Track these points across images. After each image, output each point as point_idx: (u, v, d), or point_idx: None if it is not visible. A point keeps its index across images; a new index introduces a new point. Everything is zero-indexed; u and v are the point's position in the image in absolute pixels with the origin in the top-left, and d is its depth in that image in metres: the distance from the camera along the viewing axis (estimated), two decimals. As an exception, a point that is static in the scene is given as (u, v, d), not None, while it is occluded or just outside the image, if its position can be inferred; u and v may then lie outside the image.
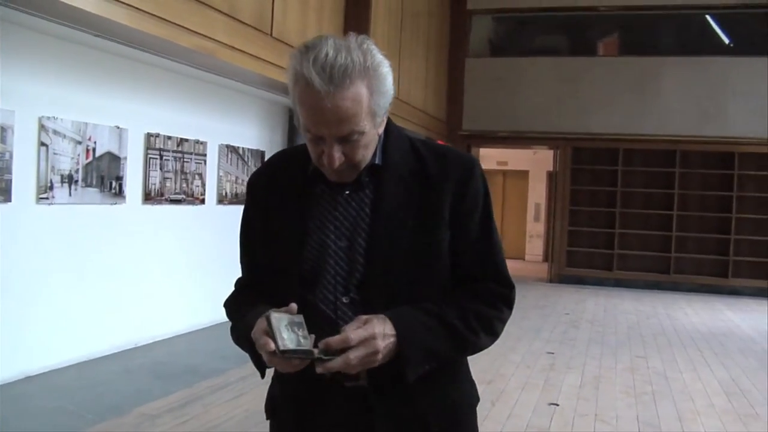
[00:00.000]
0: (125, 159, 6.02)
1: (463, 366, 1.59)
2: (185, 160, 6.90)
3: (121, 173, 5.99)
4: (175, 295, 6.75)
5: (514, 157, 15.74)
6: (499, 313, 1.50)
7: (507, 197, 16.21)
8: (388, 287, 1.43)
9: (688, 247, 11.98)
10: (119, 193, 5.98)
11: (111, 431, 4.18)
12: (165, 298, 6.61)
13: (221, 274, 6.57)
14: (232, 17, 5.42)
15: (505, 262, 1.54)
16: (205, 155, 7.20)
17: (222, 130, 7.47)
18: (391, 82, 1.40)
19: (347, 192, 1.48)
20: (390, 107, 1.43)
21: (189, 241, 7.00)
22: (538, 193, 16.16)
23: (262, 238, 1.55)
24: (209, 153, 7.29)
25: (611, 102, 11.91)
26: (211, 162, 7.35)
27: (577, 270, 12.41)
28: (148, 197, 6.39)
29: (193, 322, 6.95)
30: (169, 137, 6.62)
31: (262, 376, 1.50)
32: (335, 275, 1.46)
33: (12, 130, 4.89)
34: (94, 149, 5.66)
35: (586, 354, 6.78)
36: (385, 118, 1.46)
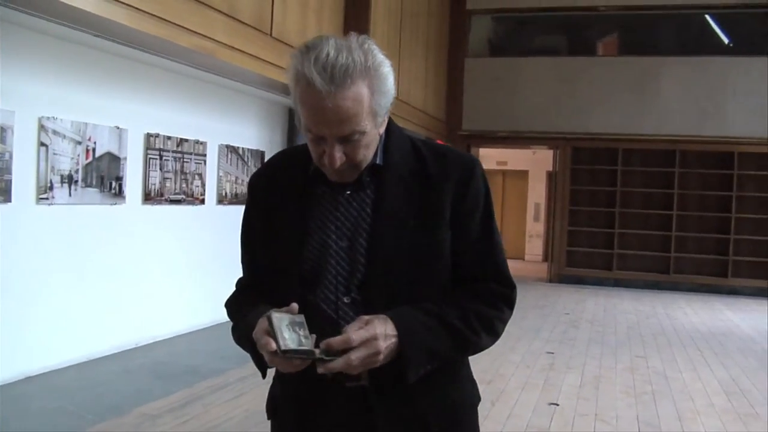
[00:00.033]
0: (125, 159, 6.02)
1: (464, 366, 1.59)
2: (185, 160, 6.90)
3: (120, 173, 5.99)
4: (175, 295, 6.75)
5: (514, 157, 15.75)
6: (500, 313, 1.50)
7: (506, 197, 16.22)
8: (389, 287, 1.43)
9: (688, 246, 11.98)
10: (119, 194, 5.98)
11: (111, 431, 4.18)
12: (165, 298, 6.61)
13: (221, 274, 6.58)
14: (232, 17, 5.42)
15: (506, 262, 1.54)
16: (204, 155, 7.20)
17: (222, 130, 7.46)
18: (392, 82, 1.40)
19: (348, 192, 1.48)
20: (391, 107, 1.43)
21: (189, 242, 7.00)
22: (537, 193, 16.16)
23: (263, 239, 1.55)
24: (209, 153, 7.29)
25: (611, 102, 11.91)
26: (211, 162, 7.35)
27: (577, 270, 12.41)
28: (148, 197, 6.39)
29: (193, 322, 6.95)
30: (168, 137, 6.62)
31: (264, 376, 1.50)
32: (336, 275, 1.46)
33: (12, 130, 4.88)
34: (93, 149, 5.66)
35: (585, 354, 6.78)
36: (386, 118, 1.45)
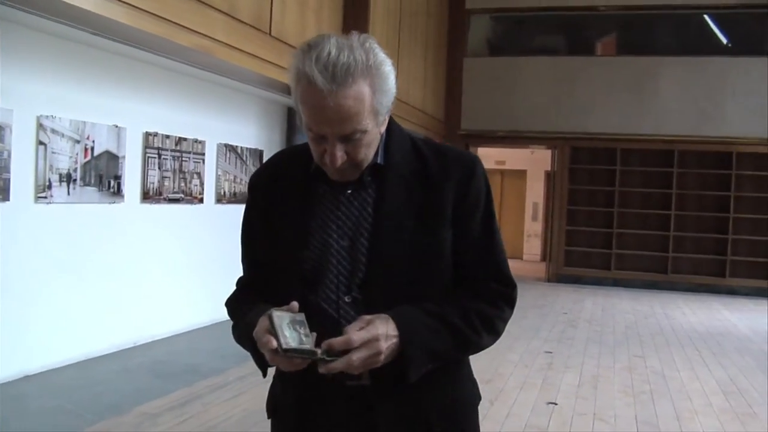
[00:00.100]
0: (123, 158, 6.01)
1: (465, 365, 1.59)
2: (183, 159, 6.89)
3: (119, 172, 5.98)
4: (174, 294, 6.75)
5: (512, 157, 15.75)
6: (500, 312, 1.50)
7: (505, 197, 16.22)
8: (390, 286, 1.44)
9: (686, 246, 11.99)
10: (118, 192, 5.98)
11: (111, 430, 4.18)
12: (164, 297, 6.61)
13: (220, 272, 6.59)
14: (231, 16, 5.42)
15: (506, 262, 1.54)
16: (203, 154, 7.20)
17: (220, 129, 7.46)
18: (393, 81, 1.40)
19: (349, 191, 1.48)
20: (392, 106, 1.43)
21: (187, 240, 7.00)
22: (536, 192, 16.17)
23: (264, 238, 1.55)
24: (208, 152, 7.28)
25: (609, 102, 11.92)
26: (210, 161, 7.35)
27: (575, 269, 12.42)
28: (147, 196, 6.38)
29: (192, 321, 6.95)
30: (167, 136, 6.61)
31: (264, 375, 1.51)
32: (338, 274, 1.46)
33: (10, 129, 4.88)
34: (92, 148, 5.65)
35: (584, 353, 6.79)
36: (387, 117, 1.45)
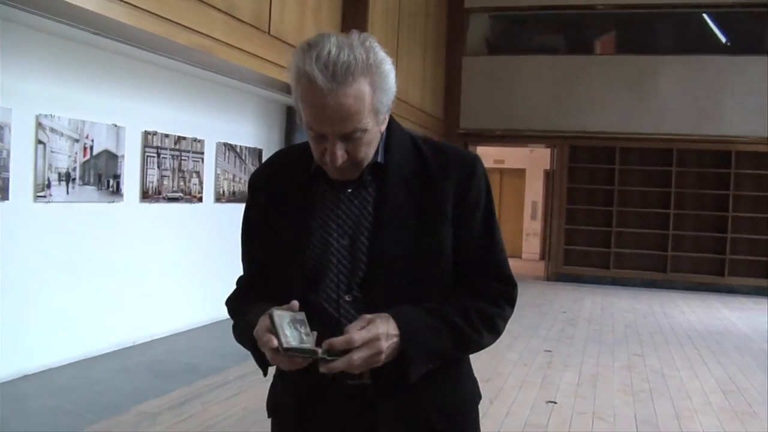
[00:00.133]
0: (122, 157, 6.01)
1: (465, 364, 1.59)
2: (183, 158, 6.89)
3: (118, 171, 5.98)
4: (173, 293, 6.75)
5: (511, 156, 15.76)
6: (501, 311, 1.50)
7: (504, 196, 16.22)
8: (390, 285, 1.43)
9: (685, 245, 12.00)
10: (117, 191, 5.98)
11: (110, 429, 4.18)
12: (163, 296, 6.61)
13: (219, 272, 6.59)
14: (231, 15, 5.41)
15: (507, 260, 1.54)
16: (202, 153, 7.20)
17: (219, 128, 7.46)
18: (393, 80, 1.40)
19: (350, 190, 1.48)
20: (392, 105, 1.43)
21: (187, 240, 7.00)
22: (535, 191, 16.18)
23: (264, 237, 1.55)
24: (207, 151, 7.28)
25: (608, 100, 11.92)
26: (209, 160, 7.34)
27: (574, 268, 12.43)
28: (146, 195, 6.38)
29: (192, 320, 6.95)
30: (166, 135, 6.61)
31: (265, 374, 1.51)
32: (338, 273, 1.45)
33: (9, 128, 4.87)
34: (91, 147, 5.65)
35: (583, 352, 6.79)
36: (388, 115, 1.46)
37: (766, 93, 11.08)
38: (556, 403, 5.08)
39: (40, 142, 5.15)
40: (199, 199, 7.20)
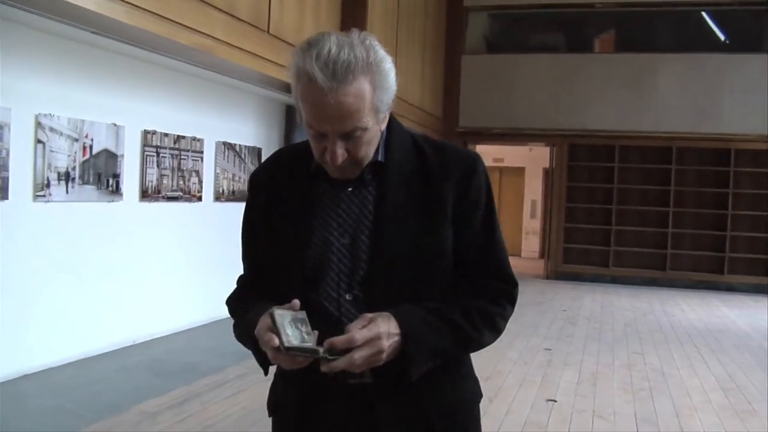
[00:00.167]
0: (122, 156, 6.01)
1: (466, 362, 1.59)
2: (182, 157, 6.88)
3: (118, 170, 5.98)
4: (172, 292, 6.74)
5: (511, 154, 15.77)
6: (502, 310, 1.50)
7: (503, 194, 16.22)
8: (391, 284, 1.43)
9: (685, 243, 12.01)
10: (116, 191, 5.97)
11: (110, 429, 4.18)
12: (163, 295, 6.60)
13: (219, 271, 6.59)
14: (230, 14, 5.41)
15: (507, 259, 1.54)
16: (202, 152, 7.19)
17: (219, 127, 7.45)
18: (393, 78, 1.40)
19: (350, 189, 1.48)
20: (393, 104, 1.43)
21: (186, 239, 7.00)
22: (534, 189, 16.18)
23: (264, 236, 1.55)
24: (206, 150, 7.28)
25: (608, 99, 11.92)
26: (208, 159, 7.34)
27: (574, 267, 12.43)
28: (145, 194, 6.38)
29: (191, 319, 6.95)
30: (166, 134, 6.61)
31: (266, 373, 1.51)
32: (338, 272, 1.45)
33: (8, 127, 4.87)
34: (91, 146, 5.65)
35: (583, 350, 6.79)
36: (388, 114, 1.45)
37: (766, 91, 11.08)
38: (556, 401, 5.08)
39: (39, 141, 5.15)
40: (199, 199, 7.20)
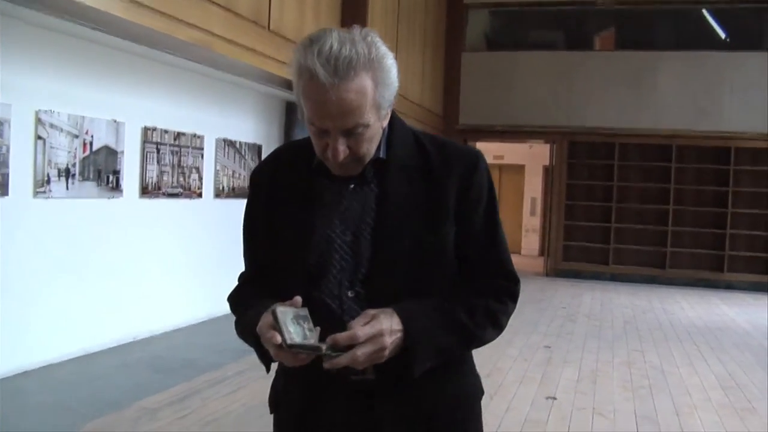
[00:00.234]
0: (122, 153, 6.00)
1: (468, 359, 1.59)
2: (182, 153, 6.88)
3: (118, 167, 5.97)
4: (172, 289, 6.74)
5: (511, 152, 15.75)
6: (504, 306, 1.50)
7: (503, 191, 16.20)
8: (393, 282, 1.43)
9: (684, 241, 12.01)
10: (116, 187, 5.97)
11: (110, 425, 4.18)
12: (162, 292, 6.60)
13: (218, 267, 6.60)
14: (230, 11, 5.40)
15: (509, 256, 1.54)
16: (202, 149, 7.19)
17: (219, 123, 7.45)
18: (395, 75, 1.40)
19: (352, 186, 1.47)
20: (394, 100, 1.43)
21: (186, 235, 6.99)
22: (534, 187, 16.18)
23: (266, 233, 1.54)
24: (206, 147, 7.27)
25: (608, 96, 11.91)
26: (208, 156, 7.34)
27: (574, 264, 12.43)
28: (145, 191, 6.37)
29: (191, 315, 6.95)
30: (166, 131, 6.60)
31: (268, 370, 1.50)
32: (341, 270, 1.45)
33: (9, 123, 4.86)
34: (91, 143, 5.64)
35: (583, 348, 6.80)
36: (390, 111, 1.45)
37: (766, 89, 11.07)
38: (555, 398, 5.09)
39: (39, 137, 5.14)
40: (199, 195, 7.20)
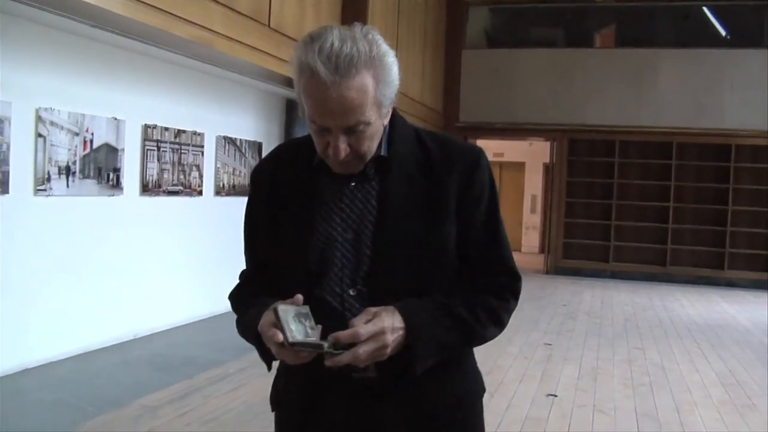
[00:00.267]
0: (122, 150, 6.00)
1: (470, 356, 1.59)
2: (182, 151, 6.88)
3: (118, 165, 5.97)
4: (172, 286, 6.74)
5: (511, 149, 15.73)
6: (506, 303, 1.50)
7: (503, 189, 16.18)
8: (394, 279, 1.43)
9: (685, 239, 12.01)
10: (117, 185, 5.97)
11: (111, 423, 4.18)
12: (163, 289, 6.60)
13: (219, 265, 6.60)
14: (230, 8, 5.40)
15: (511, 254, 1.54)
16: (202, 147, 7.18)
17: (219, 121, 7.44)
18: (396, 72, 1.39)
19: (353, 184, 1.47)
20: (396, 98, 1.43)
21: (187, 233, 6.99)
22: (534, 184, 16.18)
23: (267, 231, 1.54)
24: (206, 144, 7.26)
25: (608, 94, 11.90)
26: (209, 153, 7.33)
27: (574, 262, 12.44)
28: (146, 189, 6.37)
29: (191, 313, 6.95)
30: (166, 128, 6.60)
31: (269, 368, 1.50)
32: (342, 267, 1.45)
33: (9, 121, 4.86)
34: (91, 141, 5.64)
35: (583, 345, 6.80)
36: (391, 108, 1.44)
37: (766, 86, 11.07)
38: (556, 396, 5.09)
39: (40, 135, 5.14)
40: (199, 193, 7.19)
